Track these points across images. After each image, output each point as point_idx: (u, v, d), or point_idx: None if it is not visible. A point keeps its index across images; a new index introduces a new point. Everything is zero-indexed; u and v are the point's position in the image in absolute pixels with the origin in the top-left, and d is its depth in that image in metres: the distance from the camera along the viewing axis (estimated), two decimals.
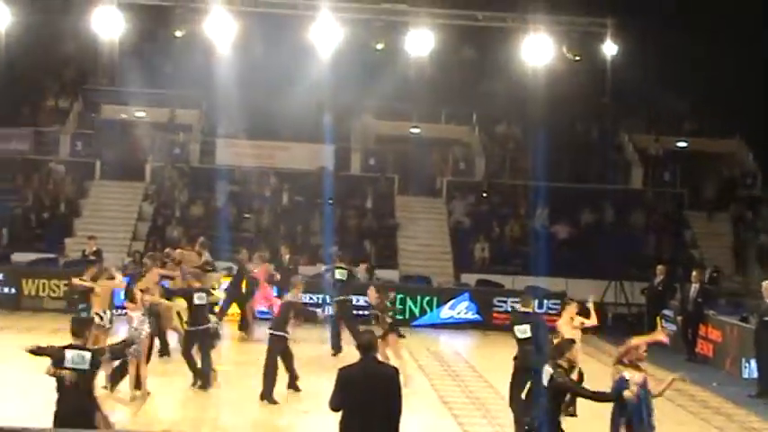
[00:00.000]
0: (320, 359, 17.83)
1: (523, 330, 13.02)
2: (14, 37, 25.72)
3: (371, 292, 16.47)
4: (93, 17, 24.57)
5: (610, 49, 25.95)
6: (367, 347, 8.61)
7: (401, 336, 15.89)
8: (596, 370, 14.74)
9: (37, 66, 31.36)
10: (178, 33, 25.30)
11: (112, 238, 26.55)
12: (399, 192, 30.15)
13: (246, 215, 28.38)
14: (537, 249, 26.44)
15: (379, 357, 10.06)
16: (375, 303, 16.16)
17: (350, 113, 31.67)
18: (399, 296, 22.19)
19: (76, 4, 25.22)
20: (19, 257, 25.36)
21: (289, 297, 15.42)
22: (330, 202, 28.12)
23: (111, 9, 24.44)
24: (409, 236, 28.58)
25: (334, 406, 8.48)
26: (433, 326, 23.31)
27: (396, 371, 8.95)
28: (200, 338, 14.90)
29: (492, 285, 25.66)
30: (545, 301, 22.85)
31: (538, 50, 25.42)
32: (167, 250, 19.73)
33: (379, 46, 26.03)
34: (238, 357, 18.40)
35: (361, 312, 19.05)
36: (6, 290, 22.83)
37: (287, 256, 22.85)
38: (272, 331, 14.56)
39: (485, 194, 29.93)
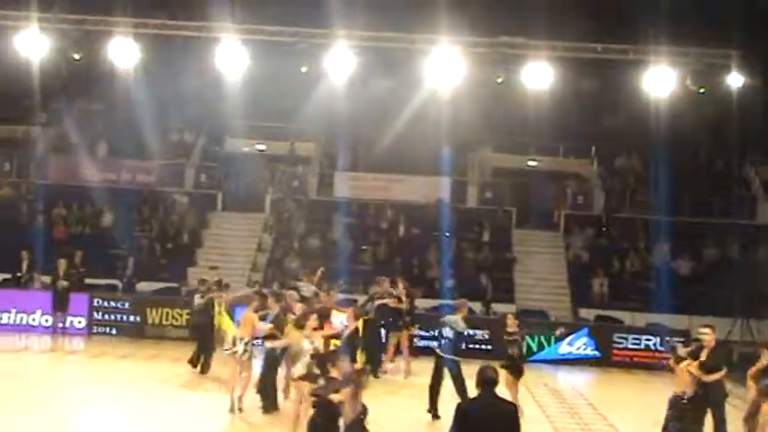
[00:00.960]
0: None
1: None
2: (142, 73, 26.57)
3: (511, 319, 16.17)
4: (217, 53, 25.19)
5: (735, 80, 25.24)
6: (488, 382, 8.48)
7: (521, 371, 15.65)
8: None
9: (163, 101, 32.30)
10: (303, 69, 25.74)
11: (232, 269, 27.02)
12: (516, 225, 29.92)
13: (363, 247, 28.55)
14: (658, 285, 25.79)
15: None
16: (514, 330, 15.85)
17: (467, 146, 31.65)
18: None
19: (202, 41, 25.91)
20: (144, 286, 26.06)
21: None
22: (447, 234, 28.06)
23: (234, 45, 25.03)
24: (526, 270, 28.27)
25: None
26: (551, 361, 22.94)
27: (515, 407, 8.80)
28: None
29: (611, 321, 25.17)
30: (667, 339, 22.28)
31: (660, 82, 24.92)
32: (293, 286, 20.09)
33: (498, 79, 25.93)
34: None
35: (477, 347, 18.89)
36: (132, 318, 23.43)
37: (403, 289, 22.92)
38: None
39: (604, 228, 29.43)
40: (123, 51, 24.87)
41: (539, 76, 25.24)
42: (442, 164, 29.88)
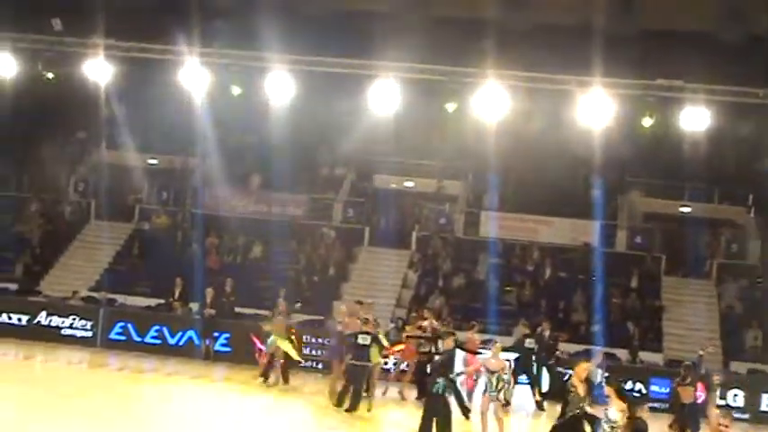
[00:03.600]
0: None
1: None
2: (295, 108, 27.15)
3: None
4: (369, 91, 25.52)
5: None
6: None
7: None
8: None
9: (314, 136, 32.96)
10: (452, 107, 25.77)
11: (378, 304, 27.10)
12: (666, 272, 29.04)
13: (508, 288, 28.25)
14: None
15: None
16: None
17: (617, 190, 31.02)
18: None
19: (354, 78, 26.32)
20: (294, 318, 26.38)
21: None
22: (593, 278, 27.49)
23: (387, 83, 25.30)
24: (676, 318, 27.38)
25: None
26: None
27: None
28: None
29: (765, 375, 24.11)
30: None
31: None
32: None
33: (649, 122, 25.33)
34: None
35: None
36: None
37: (547, 332, 22.82)
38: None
39: (759, 280, 28.26)
40: (279, 86, 25.46)
41: (695, 119, 24.51)
42: (591, 206, 29.36)
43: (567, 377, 21.83)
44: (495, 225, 30.20)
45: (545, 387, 22.15)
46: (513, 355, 22.46)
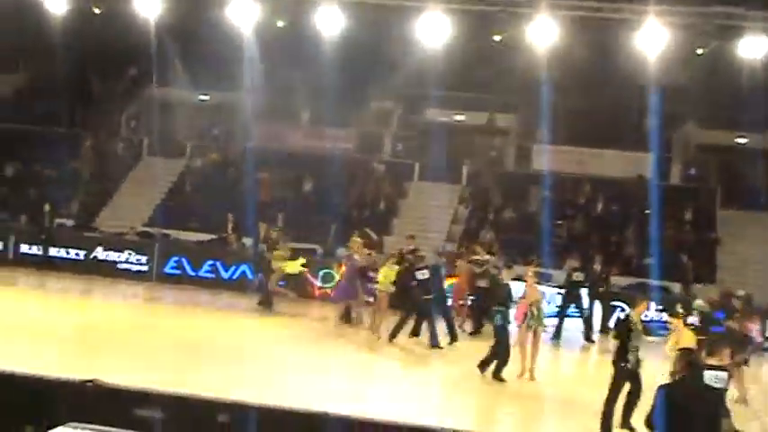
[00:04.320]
0: None
1: None
2: (345, 42, 26.97)
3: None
4: (418, 23, 25.26)
5: None
6: (692, 364, 8.17)
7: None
8: None
9: (364, 70, 32.77)
10: (503, 38, 25.46)
11: (427, 238, 27.18)
12: (722, 205, 28.64)
13: (559, 222, 28.09)
14: None
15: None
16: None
17: (672, 121, 30.49)
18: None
19: (404, 10, 26.06)
20: (342, 252, 26.53)
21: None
22: (647, 212, 27.20)
23: (437, 15, 25.01)
24: (731, 252, 27.06)
25: (652, 424, 8.11)
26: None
27: (722, 393, 8.43)
28: None
29: None
30: None
31: None
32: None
33: (705, 51, 24.81)
34: None
35: None
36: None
37: (598, 266, 22.79)
38: None
39: None
40: (328, 19, 25.31)
41: (753, 48, 23.96)
42: (644, 138, 28.95)
43: (618, 310, 21.95)
44: (546, 158, 29.90)
45: (596, 320, 22.16)
46: (561, 289, 22.57)
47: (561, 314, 21.83)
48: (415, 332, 19.01)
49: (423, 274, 18.66)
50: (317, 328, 20.12)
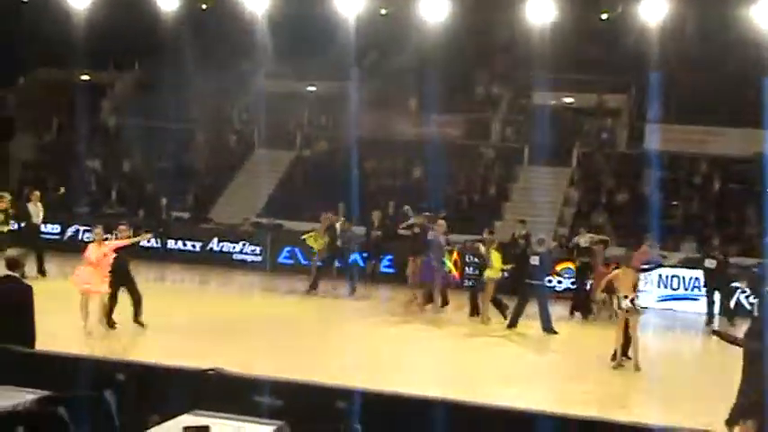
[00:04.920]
0: None
1: None
2: (451, 27, 26.97)
3: None
4: (525, 4, 25.10)
5: None
6: None
7: None
8: None
9: (470, 55, 32.70)
10: (604, 16, 25.04)
11: (538, 222, 26.97)
12: None
13: (674, 203, 27.51)
14: None
15: None
16: None
17: None
18: None
19: None
20: (455, 238, 26.50)
21: None
22: None
23: None
24: None
25: None
26: None
27: None
28: None
29: None
30: None
31: None
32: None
33: None
34: None
35: None
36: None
37: (716, 247, 22.23)
38: None
39: None
40: (434, 5, 25.32)
41: None
42: (762, 115, 28.06)
43: (738, 292, 21.43)
44: (660, 138, 29.32)
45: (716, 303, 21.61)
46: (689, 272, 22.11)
47: (709, 299, 21.29)
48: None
49: (535, 260, 18.55)
50: (428, 314, 20.14)
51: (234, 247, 26.07)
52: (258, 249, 25.84)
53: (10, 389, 8.90)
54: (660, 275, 22.74)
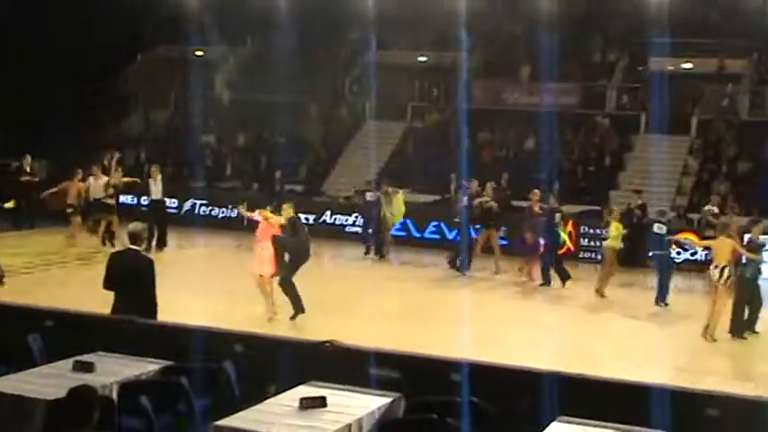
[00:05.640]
0: None
1: None
2: None
3: None
4: None
5: None
6: None
7: None
8: None
9: (585, 20, 32.14)
10: None
11: (655, 192, 26.45)
12: None
13: None
14: None
15: None
16: None
17: None
18: None
19: None
20: (568, 209, 26.22)
21: None
22: None
23: None
24: None
25: None
26: None
27: None
28: None
29: None
30: None
31: None
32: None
33: None
34: None
35: None
36: None
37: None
38: None
39: None
40: None
41: None
42: None
43: None
44: None
45: None
46: None
47: None
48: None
49: (660, 228, 18.11)
50: (541, 288, 20.00)
51: (346, 220, 26.32)
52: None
53: (134, 359, 9.26)
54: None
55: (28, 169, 24.51)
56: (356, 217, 26.16)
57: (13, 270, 17.90)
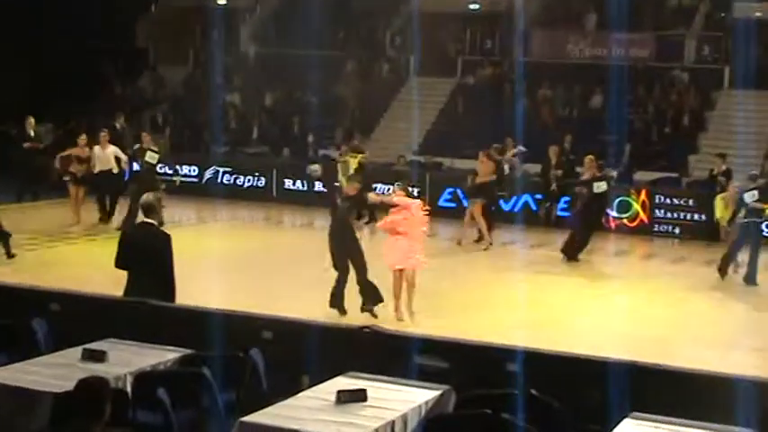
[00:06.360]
0: None
1: None
2: None
3: None
4: None
5: None
6: None
7: None
8: None
9: None
10: None
11: (741, 156, 26.12)
12: None
13: None
14: None
15: None
16: None
17: None
18: None
19: None
20: (641, 176, 26.01)
21: None
22: None
23: None
24: None
25: None
26: None
27: None
28: None
29: None
30: None
31: None
32: None
33: None
34: None
35: None
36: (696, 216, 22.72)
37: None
38: None
39: None
40: None
41: None
42: None
43: None
44: None
45: None
46: None
47: None
48: None
49: (752, 196, 17.83)
50: (615, 264, 19.89)
51: (389, 189, 26.24)
52: (415, 191, 25.88)
53: (150, 347, 9.30)
54: None
55: (31, 134, 24.62)
56: (398, 185, 26.01)
57: (15, 247, 18.05)
